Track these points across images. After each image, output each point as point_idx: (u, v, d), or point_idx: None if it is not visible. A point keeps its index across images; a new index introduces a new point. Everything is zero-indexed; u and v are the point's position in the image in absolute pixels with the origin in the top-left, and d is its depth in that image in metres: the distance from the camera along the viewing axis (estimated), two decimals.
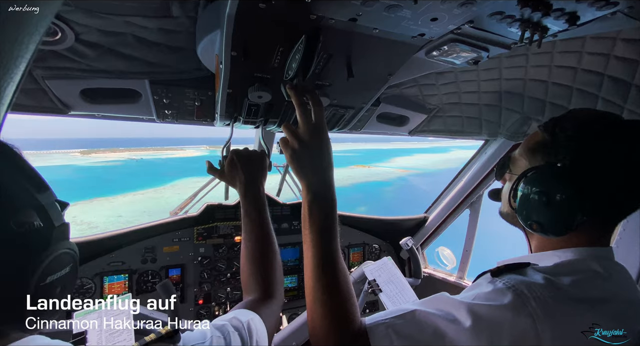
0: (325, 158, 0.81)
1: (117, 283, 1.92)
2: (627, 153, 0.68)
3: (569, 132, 0.73)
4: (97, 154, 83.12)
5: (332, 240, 0.80)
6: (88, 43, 0.98)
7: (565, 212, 0.70)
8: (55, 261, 0.47)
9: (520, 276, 0.69)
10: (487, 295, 0.67)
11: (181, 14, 0.90)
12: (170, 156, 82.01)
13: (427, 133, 1.88)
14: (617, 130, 0.71)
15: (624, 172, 0.69)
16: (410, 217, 2.67)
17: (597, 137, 0.71)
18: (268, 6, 0.68)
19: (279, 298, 0.93)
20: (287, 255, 2.38)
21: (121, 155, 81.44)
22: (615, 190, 0.70)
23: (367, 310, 2.50)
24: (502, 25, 0.76)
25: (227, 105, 1.10)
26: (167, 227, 2.07)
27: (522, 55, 1.28)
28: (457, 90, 1.57)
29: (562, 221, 0.71)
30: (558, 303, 0.64)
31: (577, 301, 0.65)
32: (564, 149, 0.72)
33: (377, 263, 1.92)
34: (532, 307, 0.62)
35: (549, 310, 0.62)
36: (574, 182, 0.69)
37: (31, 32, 0.18)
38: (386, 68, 1.00)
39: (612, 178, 0.69)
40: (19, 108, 1.15)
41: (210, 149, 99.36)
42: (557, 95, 1.36)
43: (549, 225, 0.73)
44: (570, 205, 0.69)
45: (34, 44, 0.18)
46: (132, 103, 1.30)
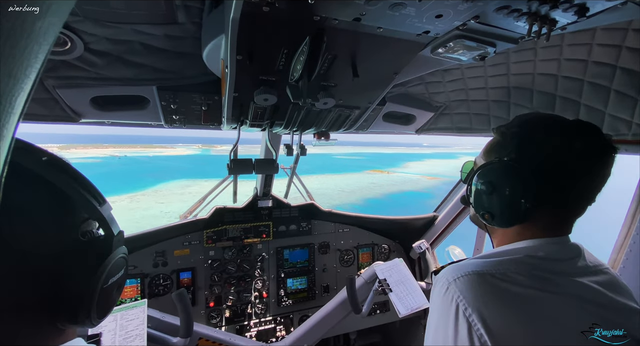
0: None
1: (130, 286, 1.95)
2: (563, 146, 0.74)
3: (514, 129, 0.82)
4: (77, 150, 76.20)
5: None
6: (97, 52, 1.00)
7: (509, 200, 0.76)
8: (115, 265, 0.53)
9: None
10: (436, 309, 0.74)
11: (186, 20, 0.91)
12: (158, 154, 75.46)
13: (434, 131, 1.86)
14: (554, 126, 0.79)
15: (558, 161, 0.74)
16: (420, 216, 2.64)
17: (534, 131, 0.79)
18: (271, 9, 0.68)
19: None
20: (297, 256, 2.38)
21: (104, 152, 75.18)
22: (556, 178, 0.74)
23: (378, 310, 2.48)
24: (508, 19, 0.75)
25: (234, 109, 1.11)
26: (178, 231, 2.09)
27: (530, 49, 1.26)
28: (464, 86, 1.55)
29: (509, 209, 0.77)
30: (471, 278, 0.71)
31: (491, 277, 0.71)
32: (510, 145, 0.80)
33: (389, 264, 1.90)
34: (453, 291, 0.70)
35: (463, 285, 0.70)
36: (517, 172, 0.75)
37: (40, 41, 0.18)
38: (391, 67, 1.00)
39: (551, 168, 0.74)
40: (32, 118, 1.17)
41: (203, 148, 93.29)
42: (568, 88, 1.33)
43: (499, 213, 0.79)
44: (514, 193, 0.75)
45: (43, 53, 0.19)
46: (141, 109, 1.32)
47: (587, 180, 0.75)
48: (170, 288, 2.04)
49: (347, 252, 2.55)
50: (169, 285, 2.04)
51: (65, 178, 0.48)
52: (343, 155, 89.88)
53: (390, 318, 2.50)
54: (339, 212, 2.49)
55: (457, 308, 0.67)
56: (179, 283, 2.07)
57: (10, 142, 0.18)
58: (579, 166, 0.74)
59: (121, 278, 0.57)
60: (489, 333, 0.62)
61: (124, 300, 1.92)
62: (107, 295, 0.52)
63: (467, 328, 0.64)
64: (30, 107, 1.13)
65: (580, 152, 0.73)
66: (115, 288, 0.55)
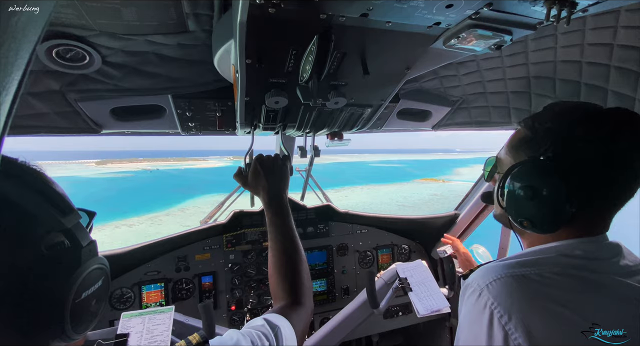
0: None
1: (154, 291, 2.00)
2: (605, 140, 0.67)
3: (547, 124, 0.74)
4: (113, 165, 78.64)
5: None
6: (114, 64, 1.04)
7: (553, 205, 0.69)
8: (88, 278, 0.50)
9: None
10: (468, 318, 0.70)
11: (197, 28, 0.93)
12: (189, 167, 75.78)
13: (452, 126, 1.81)
14: (594, 117, 0.71)
15: (605, 159, 0.67)
16: (440, 215, 2.57)
17: (574, 126, 0.70)
18: (277, 10, 0.68)
19: (308, 305, 0.92)
20: (315, 258, 2.38)
21: (137, 166, 76.25)
22: (600, 178, 0.68)
23: (400, 312, 2.42)
24: (524, 4, 0.71)
25: (246, 113, 1.12)
26: (198, 236, 2.13)
27: (549, 35, 1.20)
28: (480, 79, 1.50)
29: (552, 215, 0.70)
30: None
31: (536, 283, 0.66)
32: (545, 142, 0.72)
33: (410, 264, 1.86)
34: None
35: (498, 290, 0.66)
36: (558, 173, 0.68)
37: (18, 37, 0.18)
38: (403, 62, 0.98)
39: (595, 166, 0.68)
40: (57, 131, 1.23)
41: (234, 160, 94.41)
42: (593, 75, 1.26)
43: (540, 220, 0.72)
44: (558, 197, 0.68)
45: (26, 51, 0.19)
46: (158, 118, 1.36)
47: (631, 174, 0.69)
48: (192, 292, 2.08)
49: (366, 253, 2.51)
50: (191, 289, 2.08)
51: (20, 190, 0.46)
52: (378, 162, 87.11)
53: (412, 320, 2.44)
54: (356, 212, 2.46)
55: (491, 315, 0.63)
56: (201, 287, 2.11)
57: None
58: (623, 159, 0.67)
59: (99, 291, 0.53)
60: (529, 342, 0.58)
61: (149, 305, 1.98)
62: (82, 309, 0.50)
63: (503, 337, 0.60)
64: (54, 120, 1.19)
65: (625, 143, 0.67)
66: (93, 301, 0.52)
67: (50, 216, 0.47)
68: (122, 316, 1.34)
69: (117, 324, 1.32)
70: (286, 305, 0.88)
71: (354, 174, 52.03)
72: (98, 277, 0.53)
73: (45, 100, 1.11)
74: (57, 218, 0.48)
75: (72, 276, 0.48)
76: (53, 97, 1.11)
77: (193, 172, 64.26)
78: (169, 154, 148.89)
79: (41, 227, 0.46)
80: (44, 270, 0.45)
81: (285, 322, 0.76)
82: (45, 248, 0.45)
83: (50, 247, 0.46)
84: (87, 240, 0.51)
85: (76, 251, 0.49)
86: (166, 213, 25.76)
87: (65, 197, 0.52)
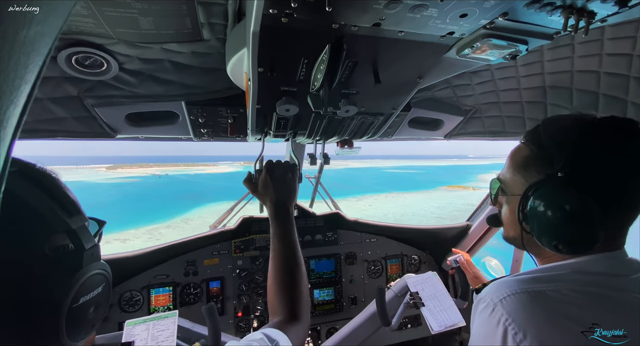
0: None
1: (163, 295, 2.01)
2: (621, 149, 0.66)
3: (557, 139, 0.72)
4: (123, 170, 78.09)
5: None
6: (130, 71, 1.06)
7: (590, 224, 0.65)
8: (88, 282, 0.49)
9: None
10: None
11: (211, 36, 0.95)
12: (199, 172, 74.00)
13: (464, 136, 1.78)
14: (604, 128, 0.70)
15: (623, 168, 0.66)
16: (451, 226, 2.52)
17: (587, 138, 0.69)
18: (290, 20, 0.68)
19: (305, 320, 0.92)
20: (323, 267, 2.35)
21: (146, 171, 75.36)
22: (620, 188, 0.67)
23: (409, 324, 2.36)
24: (541, 14, 0.70)
25: (257, 120, 1.13)
26: (207, 241, 2.14)
27: (566, 45, 1.18)
28: (494, 88, 1.48)
29: (590, 235, 0.66)
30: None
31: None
32: (559, 158, 0.69)
33: (421, 276, 1.81)
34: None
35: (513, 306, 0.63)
36: (585, 189, 0.65)
37: (27, 51, 0.18)
38: (415, 71, 0.97)
39: (614, 176, 0.66)
40: (74, 135, 1.27)
41: (244, 165, 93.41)
42: (612, 85, 1.22)
43: (578, 242, 0.68)
44: (593, 215, 0.64)
45: (35, 65, 0.19)
46: (171, 124, 1.39)
47: None
48: (200, 297, 2.08)
49: (375, 262, 2.47)
50: (199, 294, 2.08)
51: (35, 193, 0.46)
52: (392, 168, 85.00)
53: (422, 333, 2.37)
54: (365, 221, 2.44)
55: (505, 331, 0.61)
56: (208, 293, 2.11)
57: (5, 158, 0.18)
58: (637, 167, 0.66)
59: (99, 297, 0.52)
60: None
61: (157, 308, 1.99)
62: (80, 315, 0.48)
63: None
64: (72, 125, 1.22)
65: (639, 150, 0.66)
66: (91, 307, 0.51)
67: (57, 217, 0.48)
68: (126, 324, 1.33)
69: (125, 324, 1.32)
70: (284, 319, 0.88)
71: (370, 180, 50.08)
72: (98, 283, 0.52)
73: (63, 105, 1.15)
74: (64, 218, 0.48)
75: (71, 279, 0.47)
76: (71, 102, 1.15)
77: (203, 177, 62.96)
78: (180, 160, 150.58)
79: (48, 228, 0.47)
80: (44, 270, 0.45)
81: (284, 337, 0.75)
82: (48, 249, 0.45)
83: (54, 248, 0.46)
84: (91, 243, 0.51)
85: (78, 253, 0.48)
86: (167, 224, 23.79)
87: (75, 201, 0.52)
